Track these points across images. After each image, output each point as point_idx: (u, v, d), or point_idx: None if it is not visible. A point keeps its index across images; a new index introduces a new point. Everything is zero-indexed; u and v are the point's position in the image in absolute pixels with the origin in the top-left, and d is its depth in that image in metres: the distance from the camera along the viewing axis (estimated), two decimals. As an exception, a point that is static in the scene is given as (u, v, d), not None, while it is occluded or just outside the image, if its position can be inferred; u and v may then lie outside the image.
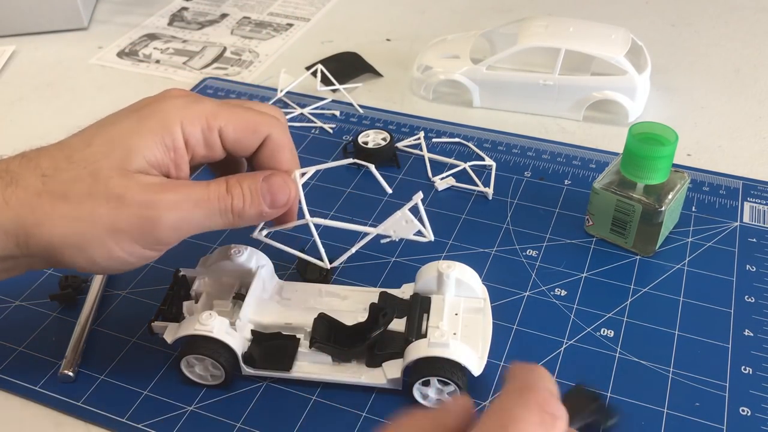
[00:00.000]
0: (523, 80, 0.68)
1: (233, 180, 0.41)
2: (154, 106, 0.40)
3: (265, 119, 0.42)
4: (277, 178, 0.42)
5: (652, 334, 0.48)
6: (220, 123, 0.41)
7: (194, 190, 0.39)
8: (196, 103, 0.41)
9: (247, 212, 0.41)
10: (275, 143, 0.43)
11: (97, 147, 0.38)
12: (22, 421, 0.45)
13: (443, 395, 0.43)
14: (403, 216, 0.41)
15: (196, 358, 0.44)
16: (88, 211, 0.37)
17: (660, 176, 0.50)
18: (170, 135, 0.39)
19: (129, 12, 0.92)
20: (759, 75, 0.75)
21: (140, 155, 0.38)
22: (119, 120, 0.40)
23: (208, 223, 0.40)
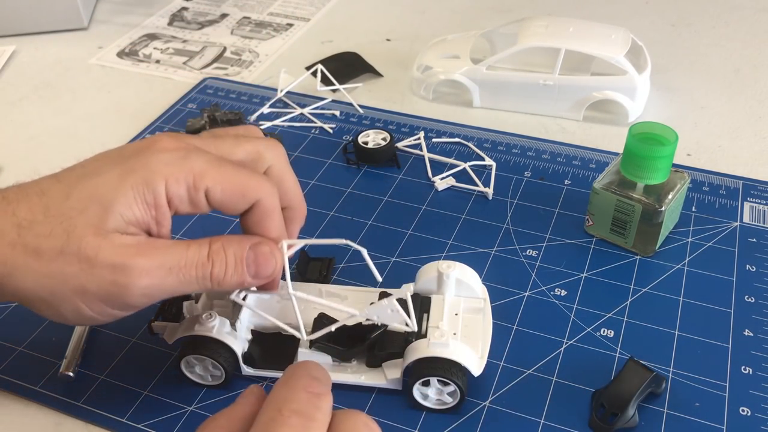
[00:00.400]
0: (523, 80, 0.68)
1: (217, 244, 0.39)
2: (140, 159, 0.38)
3: (256, 183, 0.39)
4: (265, 247, 0.40)
5: (652, 334, 0.48)
6: (207, 183, 0.38)
7: (170, 254, 0.37)
8: (185, 160, 0.38)
9: (228, 281, 0.39)
10: (263, 209, 0.40)
11: (74, 201, 0.37)
12: (22, 421, 0.45)
13: (443, 395, 0.43)
14: (389, 305, 0.40)
15: (196, 359, 0.44)
16: (59, 270, 0.36)
17: (660, 176, 0.50)
18: (152, 193, 0.37)
19: (129, 12, 0.92)
20: (759, 75, 0.75)
21: (117, 213, 0.36)
22: (102, 171, 0.38)
23: (183, 289, 0.38)
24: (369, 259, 0.40)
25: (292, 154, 0.65)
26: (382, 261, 0.54)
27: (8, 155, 0.67)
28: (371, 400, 0.44)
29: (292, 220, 0.44)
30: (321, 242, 0.43)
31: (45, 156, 0.67)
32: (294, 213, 0.44)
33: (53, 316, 0.39)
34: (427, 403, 0.43)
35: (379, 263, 0.53)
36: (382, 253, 0.54)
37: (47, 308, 0.38)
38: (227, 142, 0.41)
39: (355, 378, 0.44)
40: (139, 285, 0.37)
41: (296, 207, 0.44)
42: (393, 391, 0.44)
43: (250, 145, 0.41)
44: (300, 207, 0.44)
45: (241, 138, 0.42)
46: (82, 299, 0.37)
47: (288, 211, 0.44)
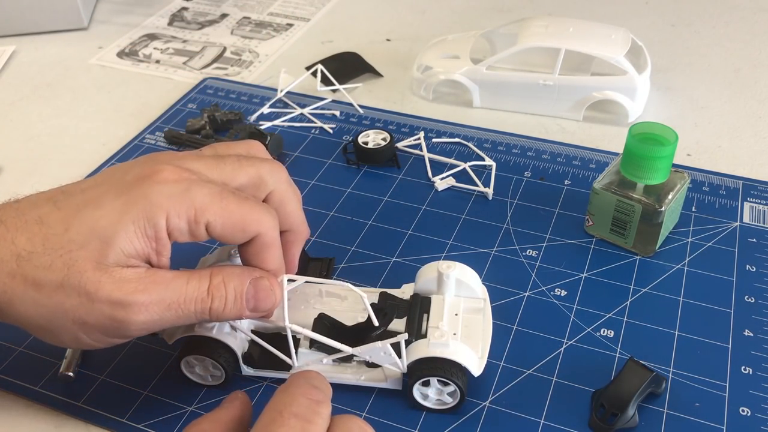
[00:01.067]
0: (523, 80, 0.68)
1: (218, 279, 0.39)
2: (141, 190, 0.37)
3: (257, 217, 0.39)
4: (265, 282, 0.40)
5: (652, 334, 0.48)
6: (209, 218, 0.38)
7: (170, 290, 0.38)
8: (187, 193, 0.38)
9: (226, 315, 0.39)
10: (262, 243, 0.40)
11: (74, 234, 0.36)
12: (22, 421, 0.45)
13: (443, 395, 0.43)
14: (383, 348, 0.41)
15: (196, 359, 0.44)
16: (59, 302, 0.36)
17: (660, 176, 0.50)
18: (153, 227, 0.37)
19: (129, 12, 0.92)
20: (759, 75, 0.75)
21: (118, 248, 0.36)
22: (102, 202, 0.37)
23: (181, 322, 0.39)
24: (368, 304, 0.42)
25: (292, 154, 0.65)
26: (382, 261, 0.54)
27: (8, 155, 0.67)
28: (371, 400, 0.44)
29: (292, 242, 0.44)
30: (322, 282, 0.45)
31: (45, 156, 0.67)
32: (294, 236, 0.44)
33: (52, 341, 0.39)
34: (427, 404, 0.43)
35: (379, 263, 0.53)
36: (382, 253, 0.54)
37: (46, 334, 0.39)
38: (229, 165, 0.41)
39: (355, 378, 0.44)
40: (137, 321, 0.37)
41: (297, 230, 0.44)
42: (393, 391, 0.44)
43: (253, 169, 0.41)
44: (300, 230, 0.44)
45: (243, 161, 0.41)
46: (82, 329, 0.37)
47: (289, 234, 0.44)
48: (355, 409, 0.44)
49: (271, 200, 0.42)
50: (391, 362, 0.42)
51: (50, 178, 0.64)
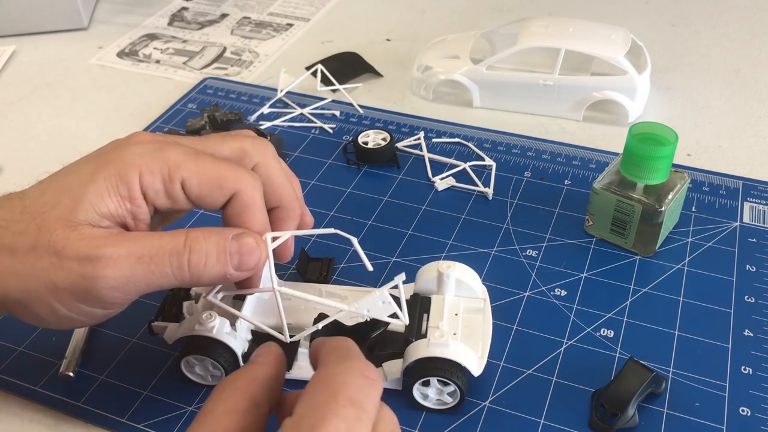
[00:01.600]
0: (523, 80, 0.68)
1: (197, 232, 0.37)
2: (115, 152, 0.37)
3: (234, 174, 0.38)
4: (249, 238, 0.38)
5: (652, 334, 0.48)
6: (183, 174, 0.37)
7: (141, 242, 0.36)
8: (160, 152, 0.37)
9: (209, 272, 0.37)
10: (242, 202, 0.39)
11: (49, 197, 0.36)
12: (22, 421, 0.45)
13: (443, 395, 0.43)
14: (380, 296, 0.39)
15: (196, 359, 0.44)
16: (30, 266, 0.35)
17: (660, 176, 0.50)
18: (126, 185, 0.36)
19: (129, 12, 0.92)
20: (759, 75, 0.75)
21: (89, 205, 0.35)
22: (78, 167, 0.37)
23: (157, 281, 0.36)
24: (359, 248, 0.39)
25: (292, 154, 0.65)
26: (382, 261, 0.54)
27: (8, 155, 0.67)
28: (371, 400, 0.44)
29: (283, 220, 0.42)
30: (308, 233, 0.42)
31: (45, 156, 0.67)
32: (285, 213, 0.42)
33: (31, 319, 0.38)
34: (427, 403, 0.43)
35: (380, 263, 0.53)
36: (382, 253, 0.54)
37: (23, 310, 0.37)
38: (212, 140, 0.40)
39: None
40: (106, 275, 0.35)
41: (287, 206, 0.42)
42: (393, 391, 0.44)
43: (235, 142, 0.40)
44: (292, 206, 0.42)
45: (227, 136, 0.41)
46: (54, 296, 0.36)
47: (278, 211, 0.42)
48: (355, 409, 0.44)
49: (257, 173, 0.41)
50: (391, 313, 0.40)
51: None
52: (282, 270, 0.52)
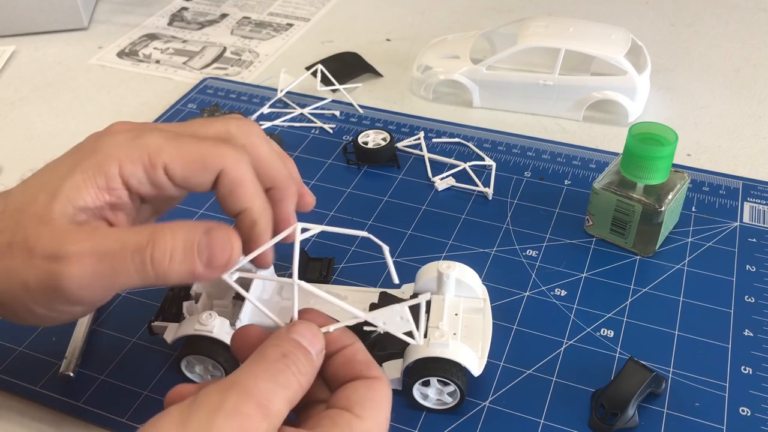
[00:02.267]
0: (522, 80, 0.68)
1: (163, 227, 0.34)
2: (93, 144, 0.36)
3: (217, 151, 0.36)
4: (220, 232, 0.34)
5: (652, 334, 0.48)
6: (165, 159, 0.35)
7: (105, 239, 0.33)
8: (138, 138, 0.35)
9: (174, 269, 0.34)
10: (230, 179, 0.36)
11: (29, 194, 0.35)
12: (22, 421, 0.45)
13: (443, 395, 0.43)
14: (400, 311, 0.37)
15: (197, 359, 0.44)
16: (5, 266, 0.34)
17: (660, 176, 0.50)
18: (104, 176, 0.35)
19: (129, 12, 0.92)
20: (759, 75, 0.75)
21: (65, 199, 0.34)
22: (58, 163, 0.36)
23: (121, 280, 0.33)
24: (389, 258, 0.37)
25: (292, 154, 0.65)
26: (382, 261, 0.53)
27: (8, 155, 0.67)
28: (371, 400, 0.44)
29: (280, 200, 0.39)
30: (340, 231, 0.39)
31: (45, 156, 0.67)
32: (281, 193, 0.39)
33: (11, 317, 0.37)
34: (427, 403, 0.43)
35: (380, 263, 0.53)
36: (382, 253, 0.54)
37: (5, 311, 0.36)
38: (196, 124, 0.39)
39: (355, 378, 0.44)
40: (71, 274, 0.33)
41: (281, 186, 0.39)
42: (393, 391, 0.44)
43: (220, 124, 0.39)
44: (286, 185, 0.40)
45: (210, 119, 0.40)
46: (28, 295, 0.34)
47: (274, 192, 0.39)
48: (355, 409, 0.44)
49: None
50: (407, 330, 0.38)
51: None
52: (282, 270, 0.52)
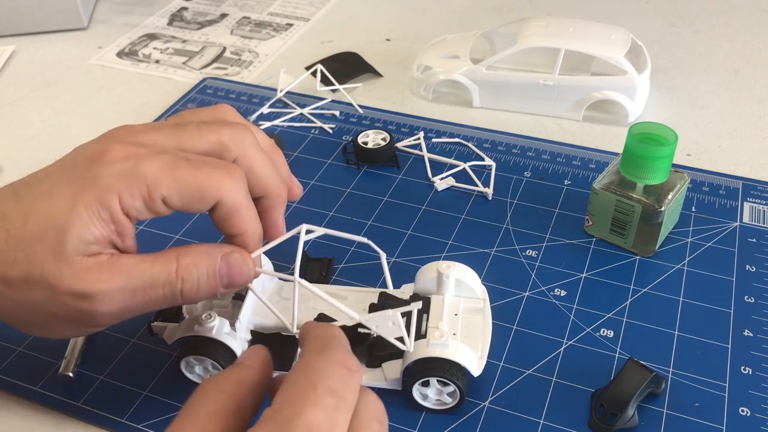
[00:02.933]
0: (522, 80, 0.68)
1: (187, 260, 0.37)
2: (91, 174, 0.36)
3: (215, 184, 0.37)
4: (237, 256, 0.38)
5: (651, 335, 0.48)
6: (163, 192, 0.36)
7: (134, 276, 0.36)
8: (136, 170, 0.36)
9: (200, 295, 0.38)
10: (226, 209, 0.38)
11: (32, 226, 0.36)
12: (22, 421, 0.45)
13: (443, 395, 0.43)
14: (392, 317, 0.39)
15: (196, 359, 0.44)
16: (27, 298, 0.36)
17: (660, 176, 0.50)
18: (107, 210, 0.36)
19: (129, 12, 0.92)
20: (759, 75, 0.75)
21: (75, 235, 0.35)
22: (55, 191, 0.36)
23: (151, 308, 0.38)
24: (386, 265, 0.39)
25: (292, 154, 0.65)
26: (382, 261, 0.54)
27: (8, 155, 0.67)
28: (371, 400, 0.44)
29: (271, 208, 0.42)
30: (342, 235, 0.40)
31: (45, 156, 0.67)
32: (272, 201, 0.41)
33: (39, 334, 0.40)
34: (427, 404, 0.43)
35: (379, 263, 0.53)
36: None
37: (27, 328, 0.39)
38: (188, 133, 0.39)
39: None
40: (103, 311, 0.36)
41: (272, 195, 0.41)
42: (393, 392, 0.44)
43: (213, 135, 0.39)
44: (277, 194, 0.41)
45: (203, 127, 0.39)
46: (55, 322, 0.37)
47: (265, 200, 0.41)
48: (354, 409, 0.44)
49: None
50: (398, 335, 0.40)
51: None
52: (282, 270, 0.52)
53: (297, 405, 0.29)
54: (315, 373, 0.30)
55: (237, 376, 0.32)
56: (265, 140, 0.43)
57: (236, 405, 0.31)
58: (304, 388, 0.30)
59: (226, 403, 0.31)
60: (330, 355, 0.31)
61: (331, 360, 0.31)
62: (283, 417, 0.29)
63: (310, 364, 0.31)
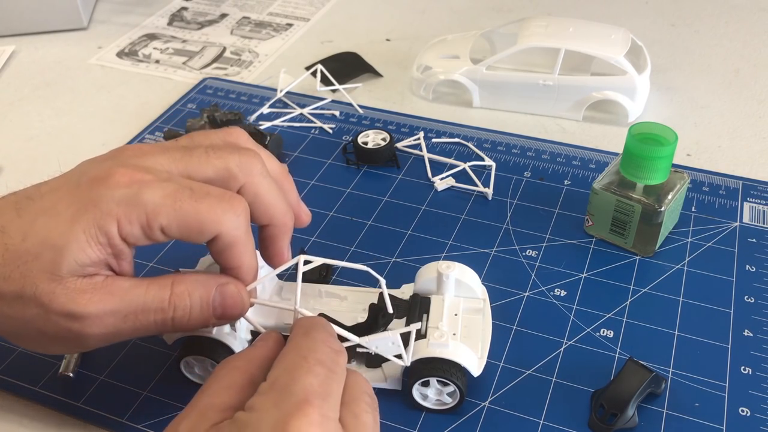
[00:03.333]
0: (522, 80, 0.68)
1: (182, 287, 0.38)
2: (93, 197, 0.36)
3: (214, 217, 0.37)
4: (232, 288, 0.39)
5: (651, 335, 0.48)
6: (162, 222, 0.36)
7: (126, 300, 0.36)
8: (137, 197, 0.36)
9: (192, 324, 0.38)
10: (225, 243, 0.38)
11: (30, 244, 0.36)
12: (22, 421, 0.45)
13: (443, 396, 0.43)
14: (391, 338, 0.40)
15: (196, 359, 0.44)
16: (18, 313, 0.36)
17: (660, 176, 0.50)
18: (104, 235, 0.36)
19: (129, 12, 0.92)
20: (759, 75, 0.75)
21: (71, 257, 0.35)
22: (56, 210, 0.36)
23: (141, 334, 0.38)
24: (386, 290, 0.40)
25: (292, 154, 0.65)
26: (382, 261, 0.54)
27: (8, 155, 0.67)
28: (371, 400, 0.44)
29: (276, 236, 0.42)
30: (342, 264, 0.41)
31: (45, 156, 0.67)
32: (277, 230, 0.41)
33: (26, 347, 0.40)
34: (427, 404, 0.43)
35: (379, 263, 0.53)
36: (382, 254, 0.54)
37: (17, 341, 0.39)
38: (195, 158, 0.39)
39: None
40: (92, 333, 0.36)
41: (278, 224, 0.41)
42: (392, 392, 0.44)
43: (220, 161, 0.39)
44: (283, 222, 0.41)
45: (211, 153, 0.39)
46: (45, 338, 0.37)
47: (270, 229, 0.41)
48: (354, 410, 0.44)
49: (245, 194, 0.39)
50: (397, 353, 0.41)
51: (50, 178, 0.64)
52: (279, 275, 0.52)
53: (292, 374, 0.32)
54: (304, 349, 0.34)
55: (248, 354, 0.35)
56: (275, 166, 0.42)
57: (248, 379, 0.34)
58: (296, 360, 0.33)
59: (239, 377, 0.34)
60: (315, 335, 0.35)
61: (317, 339, 0.34)
62: (279, 385, 0.32)
63: (299, 343, 0.34)
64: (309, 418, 0.30)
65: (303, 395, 0.31)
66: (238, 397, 0.33)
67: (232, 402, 0.33)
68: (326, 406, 0.32)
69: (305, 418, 0.30)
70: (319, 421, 0.31)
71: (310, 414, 0.31)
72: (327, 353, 0.34)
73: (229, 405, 0.33)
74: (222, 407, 0.33)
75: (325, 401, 0.32)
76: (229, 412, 0.32)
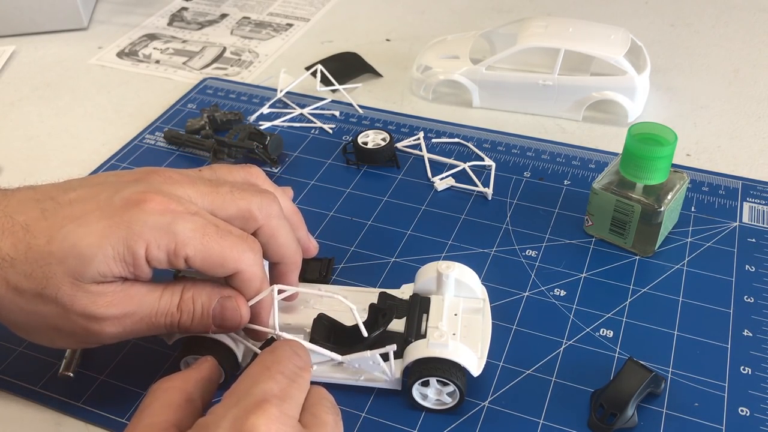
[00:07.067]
0: (522, 80, 0.68)
1: (189, 294, 0.41)
2: (126, 218, 0.38)
3: (237, 256, 0.40)
4: (232, 302, 0.41)
5: (651, 335, 0.48)
6: (188, 252, 0.38)
7: (143, 305, 0.39)
8: (170, 226, 0.38)
9: (193, 328, 0.41)
10: (241, 279, 0.41)
11: (55, 248, 0.37)
12: (22, 421, 0.45)
13: (442, 395, 0.43)
14: (371, 357, 0.42)
15: (196, 359, 0.44)
16: (36, 309, 0.38)
17: (659, 176, 0.50)
18: (132, 254, 0.38)
19: (129, 12, 0.92)
20: (759, 75, 0.75)
21: (95, 269, 0.37)
22: (87, 221, 0.38)
23: (152, 333, 0.41)
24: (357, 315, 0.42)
25: (292, 154, 0.65)
26: (382, 261, 0.54)
27: (8, 155, 0.67)
28: (370, 400, 0.44)
29: (285, 273, 0.45)
30: (314, 292, 0.44)
31: (45, 156, 0.67)
32: (287, 267, 0.45)
33: (28, 339, 0.42)
34: (427, 404, 0.43)
35: (379, 263, 0.53)
36: (382, 254, 0.54)
37: (24, 334, 0.41)
38: (221, 196, 0.41)
39: (354, 378, 0.44)
40: (109, 332, 0.39)
41: (288, 262, 0.45)
42: (392, 392, 0.44)
43: (244, 202, 0.42)
44: (292, 261, 0.45)
45: (236, 193, 0.42)
46: (58, 335, 0.40)
47: (281, 266, 0.45)
48: (354, 409, 0.44)
49: (260, 234, 0.42)
50: (380, 371, 0.43)
51: (50, 178, 0.63)
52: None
53: (253, 380, 0.35)
54: (268, 361, 0.36)
55: (183, 375, 0.38)
56: (288, 205, 0.46)
57: (186, 397, 0.36)
58: (259, 370, 0.35)
59: (177, 396, 0.36)
60: (280, 352, 0.37)
61: (282, 355, 0.37)
62: (240, 390, 0.34)
63: (264, 358, 0.37)
64: (267, 414, 0.32)
65: (262, 396, 0.33)
66: (177, 415, 0.35)
67: (171, 419, 0.35)
68: (285, 406, 0.34)
69: (263, 414, 0.32)
70: (278, 416, 0.33)
71: (268, 410, 0.33)
72: (290, 367, 0.36)
73: (170, 423, 0.35)
74: (163, 426, 0.35)
75: (284, 401, 0.34)
76: (171, 430, 0.35)
